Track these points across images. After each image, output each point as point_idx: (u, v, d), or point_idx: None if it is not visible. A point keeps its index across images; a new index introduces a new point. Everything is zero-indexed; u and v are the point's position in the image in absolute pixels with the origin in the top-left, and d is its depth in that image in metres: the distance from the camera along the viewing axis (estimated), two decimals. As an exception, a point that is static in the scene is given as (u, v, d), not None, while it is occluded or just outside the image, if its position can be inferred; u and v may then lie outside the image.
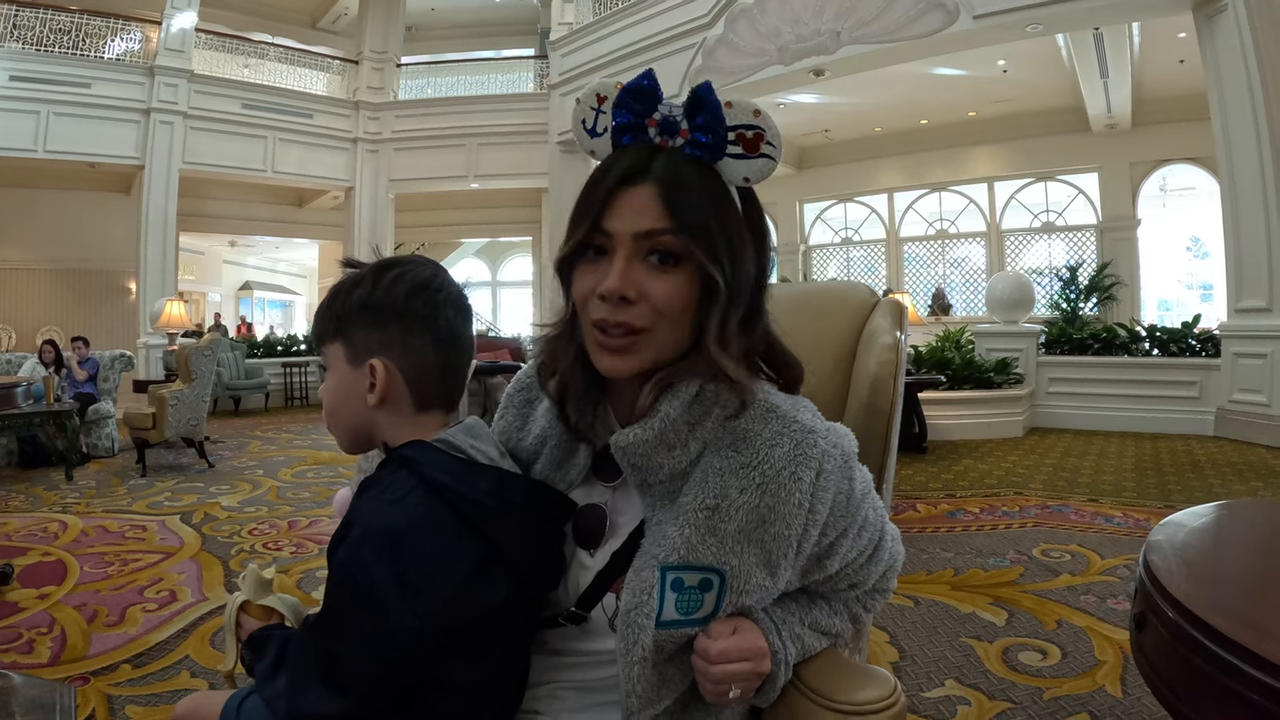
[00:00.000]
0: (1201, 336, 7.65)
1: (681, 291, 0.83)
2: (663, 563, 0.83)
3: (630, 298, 0.81)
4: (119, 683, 2.41)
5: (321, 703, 0.83)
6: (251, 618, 1.06)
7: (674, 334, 0.84)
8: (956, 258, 14.25)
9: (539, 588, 0.93)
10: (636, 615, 0.83)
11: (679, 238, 0.81)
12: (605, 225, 0.83)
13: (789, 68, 9.27)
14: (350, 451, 1.01)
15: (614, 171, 0.84)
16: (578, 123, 0.92)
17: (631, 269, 0.82)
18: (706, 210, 0.83)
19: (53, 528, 4.28)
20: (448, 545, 0.85)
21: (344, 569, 0.84)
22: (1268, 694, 0.78)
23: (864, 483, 0.90)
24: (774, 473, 0.82)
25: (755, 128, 0.83)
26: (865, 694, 0.85)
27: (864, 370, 1.12)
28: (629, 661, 0.83)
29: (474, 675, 0.88)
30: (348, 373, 0.95)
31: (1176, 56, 9.56)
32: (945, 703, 2.23)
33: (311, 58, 13.94)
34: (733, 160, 0.85)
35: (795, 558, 0.85)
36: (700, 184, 0.84)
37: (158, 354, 10.65)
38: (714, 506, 0.83)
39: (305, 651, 0.87)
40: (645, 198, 0.82)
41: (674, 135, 0.85)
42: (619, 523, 0.93)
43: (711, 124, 0.84)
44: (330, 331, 0.97)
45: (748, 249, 0.86)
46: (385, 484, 0.89)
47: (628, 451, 0.86)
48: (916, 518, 4.35)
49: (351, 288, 0.95)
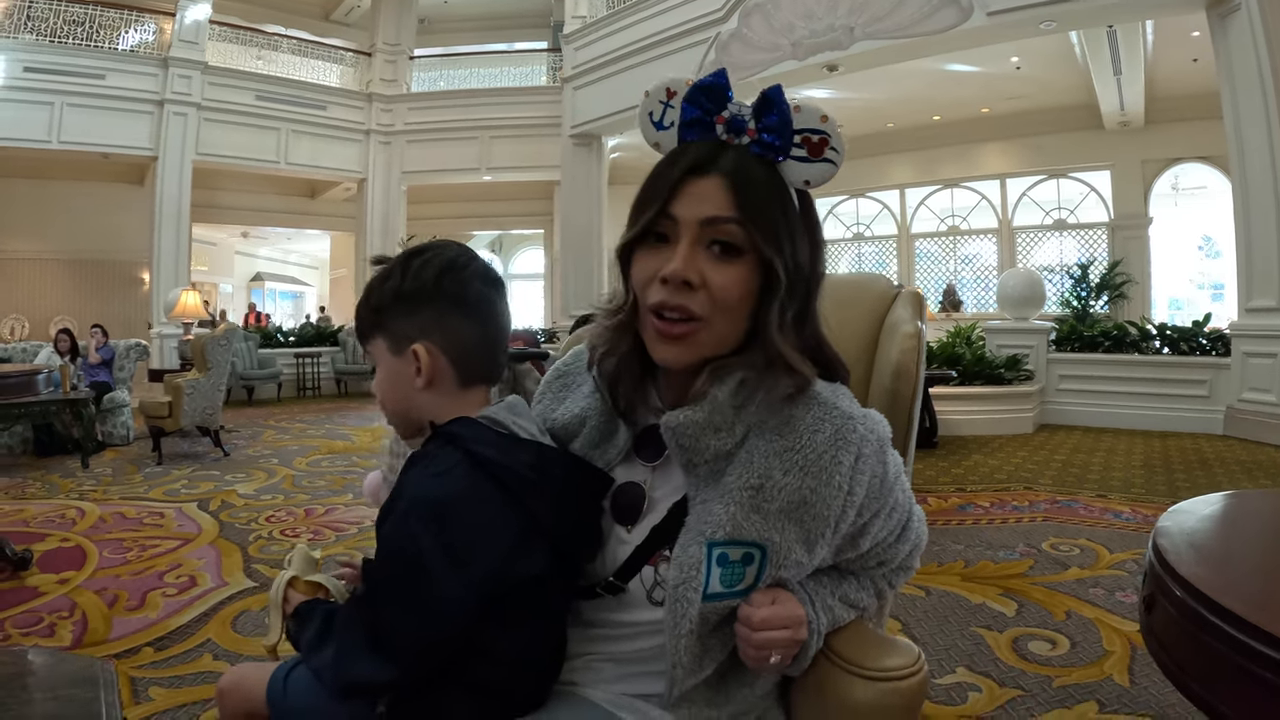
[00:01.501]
0: (1212, 335, 7.62)
1: (742, 282, 0.86)
2: (710, 539, 0.86)
3: (693, 282, 0.84)
4: (142, 665, 2.44)
5: (370, 671, 0.87)
6: (298, 593, 1.08)
7: (731, 326, 0.87)
8: (968, 254, 14.22)
9: (577, 559, 0.96)
10: (685, 590, 0.86)
11: (743, 228, 0.84)
12: (672, 210, 0.86)
13: (802, 63, 9.28)
14: (410, 439, 1.04)
15: (682, 162, 0.87)
16: (644, 115, 0.94)
17: (695, 255, 0.85)
18: (771, 204, 0.86)
19: (70, 514, 4.33)
20: (492, 516, 0.88)
21: (392, 540, 0.88)
22: (1277, 670, 0.80)
23: (896, 466, 0.93)
24: (815, 456, 0.85)
25: (821, 132, 0.87)
26: (891, 661, 0.89)
27: (886, 358, 1.16)
28: (676, 635, 0.86)
29: (514, 644, 0.92)
30: (394, 363, 0.99)
31: (1190, 55, 9.51)
32: (956, 689, 2.26)
33: (324, 50, 14.01)
34: (796, 163, 0.88)
35: (832, 536, 0.88)
36: (766, 180, 0.87)
37: (172, 343, 10.72)
38: (758, 486, 0.86)
39: (353, 622, 0.91)
40: (712, 187, 0.85)
41: (740, 134, 0.88)
42: (657, 499, 0.96)
43: (779, 126, 0.87)
44: (370, 327, 1.01)
45: (805, 248, 0.89)
46: (431, 458, 0.92)
47: (677, 432, 0.89)
48: (927, 511, 4.28)
49: (383, 281, 0.99)
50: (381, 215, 13.83)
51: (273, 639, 1.08)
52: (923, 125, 13.19)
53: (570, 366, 1.11)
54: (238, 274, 20.30)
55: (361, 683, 0.89)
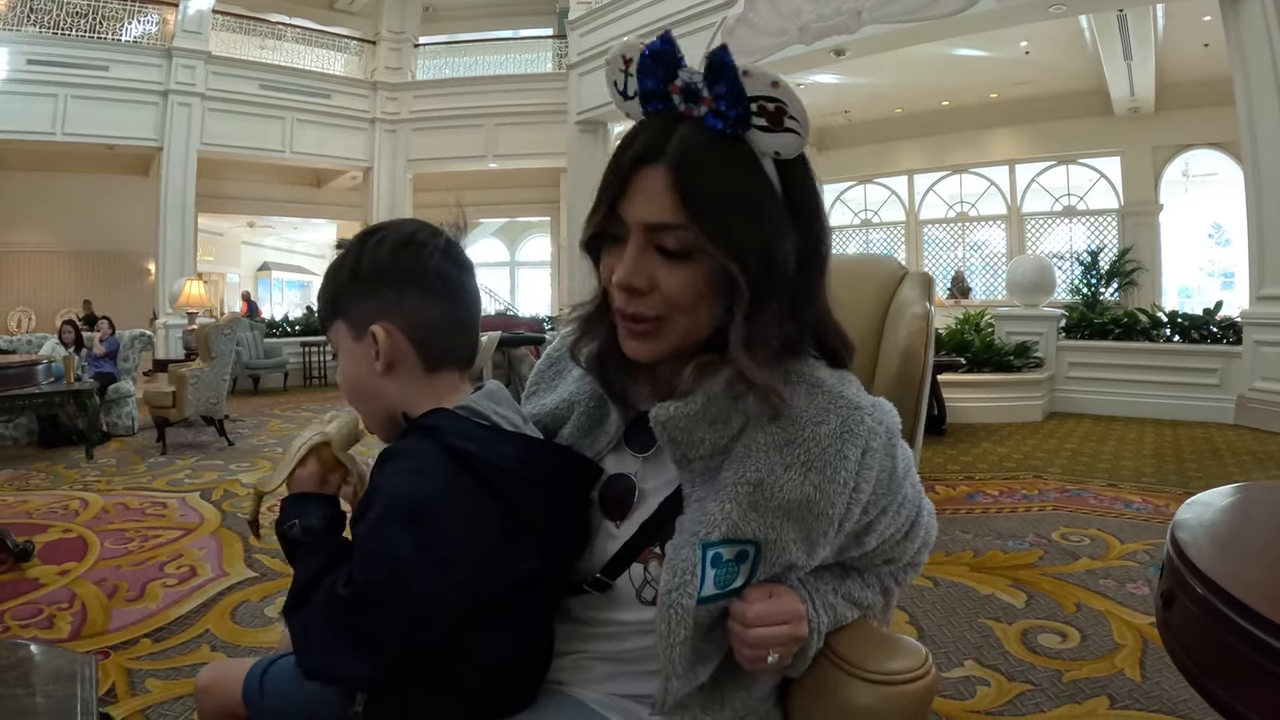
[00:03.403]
0: (1223, 323, 7.55)
1: (692, 284, 0.80)
2: (704, 540, 0.80)
3: (641, 288, 0.79)
4: (139, 656, 2.43)
5: (349, 666, 0.82)
6: (319, 463, 0.98)
7: (693, 322, 0.82)
8: (976, 241, 14.16)
9: (567, 556, 0.92)
10: (679, 596, 0.80)
11: (689, 231, 0.77)
12: (620, 212, 0.81)
13: (810, 47, 9.19)
14: (386, 439, 0.95)
15: (632, 150, 0.80)
16: (611, 85, 0.88)
17: (643, 259, 0.80)
18: (725, 197, 0.78)
19: (73, 505, 4.32)
20: (473, 514, 0.83)
21: (369, 543, 0.83)
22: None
23: (905, 459, 0.88)
24: (820, 450, 0.79)
25: (775, 100, 0.76)
26: (896, 664, 0.84)
27: (894, 341, 1.11)
28: (670, 643, 0.80)
29: (497, 646, 0.87)
30: (354, 348, 0.92)
31: (1201, 40, 9.40)
32: (965, 683, 2.23)
33: (329, 38, 13.96)
34: (760, 133, 0.78)
35: (835, 536, 0.83)
36: (720, 165, 0.78)
37: (177, 334, 10.73)
38: (757, 482, 0.80)
39: (335, 617, 0.84)
40: (658, 183, 0.78)
41: (697, 103, 0.79)
42: (647, 491, 0.91)
43: (730, 92, 0.77)
44: (330, 313, 0.94)
45: (784, 231, 0.80)
46: (407, 454, 0.86)
47: (668, 426, 0.83)
48: (935, 499, 4.27)
49: (341, 263, 0.93)
50: (388, 204, 13.81)
51: (271, 485, 1.00)
52: (931, 111, 13.11)
53: (559, 352, 1.06)
54: (244, 264, 20.30)
55: (340, 675, 0.85)
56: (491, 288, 19.37)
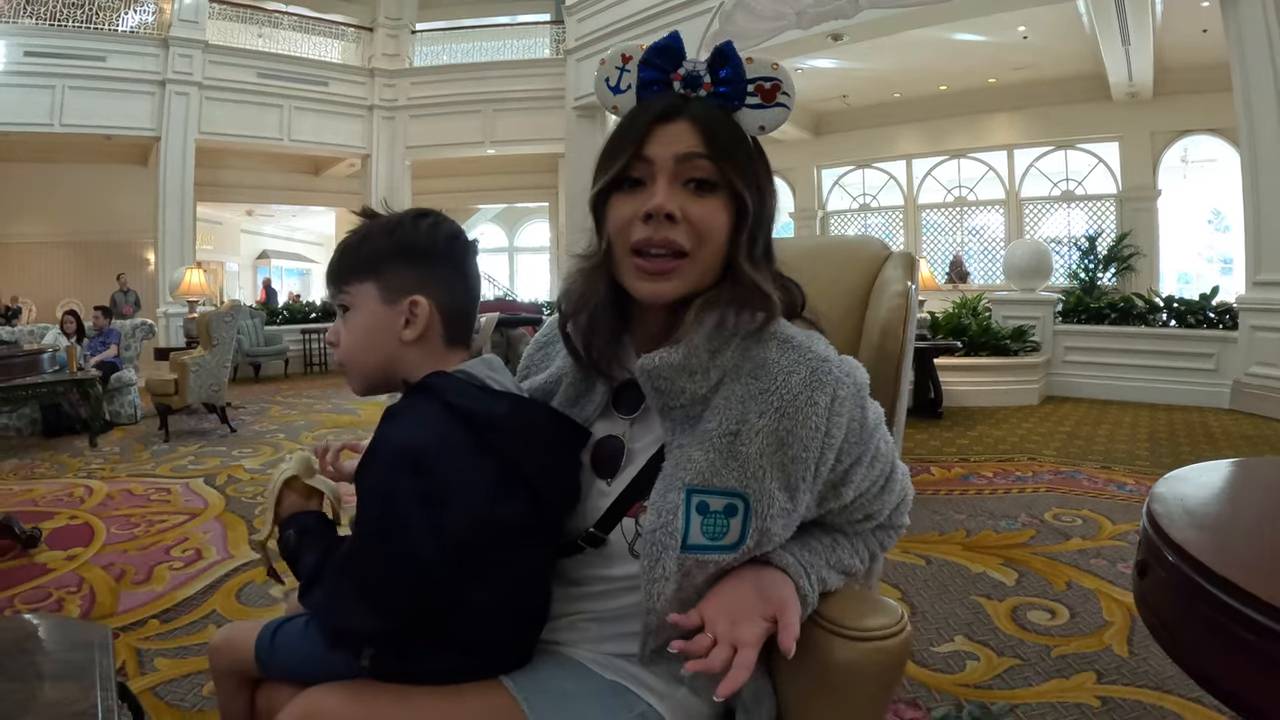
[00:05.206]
0: (1219, 309, 7.58)
1: (719, 213, 0.89)
2: (688, 485, 0.86)
3: (675, 215, 0.86)
4: (148, 637, 2.48)
5: (358, 619, 0.89)
6: (295, 495, 1.12)
7: (712, 257, 0.90)
8: (975, 225, 14.14)
9: (557, 507, 0.97)
10: (661, 535, 0.86)
11: (715, 163, 0.88)
12: (646, 152, 0.88)
13: (807, 32, 9.16)
14: (363, 393, 1.04)
15: (650, 110, 0.91)
16: (600, 81, 0.97)
17: (674, 190, 0.88)
18: (735, 143, 0.90)
19: (78, 492, 4.36)
20: (469, 462, 0.89)
21: (371, 490, 0.89)
22: (1270, 638, 0.78)
23: (876, 414, 0.94)
24: (791, 397, 0.85)
25: (773, 79, 0.91)
26: (873, 620, 0.89)
27: (875, 317, 1.17)
28: (651, 579, 0.87)
29: (493, 598, 0.93)
30: (381, 310, 0.99)
31: (1199, 25, 9.36)
32: (954, 657, 2.27)
33: (326, 25, 13.91)
34: (750, 110, 0.92)
35: (813, 481, 0.88)
36: (727, 124, 0.91)
37: (177, 322, 10.75)
38: (735, 432, 0.86)
39: (341, 570, 0.92)
40: (682, 129, 0.89)
41: (697, 88, 0.92)
42: (636, 450, 0.97)
43: (733, 77, 0.91)
44: (361, 271, 1.00)
45: (770, 187, 0.93)
46: (408, 410, 0.94)
47: (653, 374, 0.90)
48: (931, 480, 4.38)
49: (388, 231, 1.00)
50: (386, 191, 13.77)
51: (262, 535, 1.11)
52: (929, 96, 13.07)
53: (549, 336, 1.14)
54: (244, 252, 20.30)
55: (350, 630, 0.91)
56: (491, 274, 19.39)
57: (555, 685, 0.94)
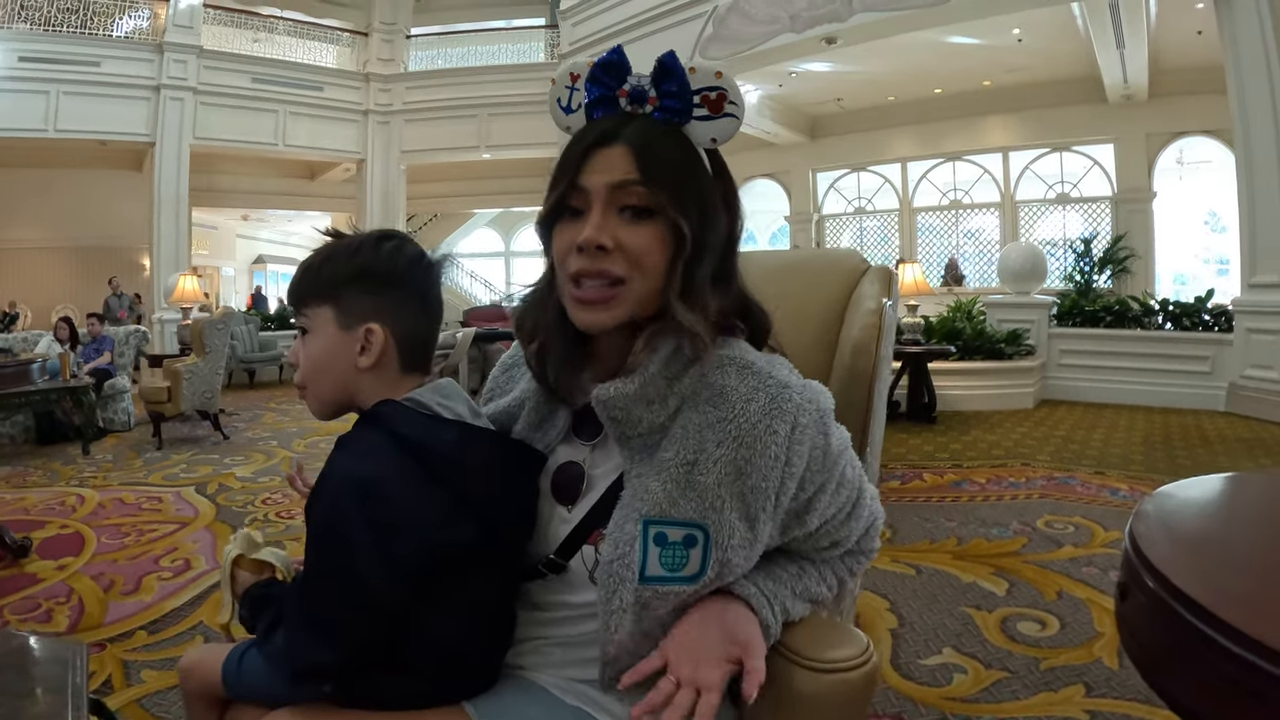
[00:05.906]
0: (1215, 311, 7.57)
1: (654, 241, 0.86)
2: (645, 516, 0.85)
3: (607, 246, 0.85)
4: (135, 648, 2.47)
5: (314, 654, 0.89)
6: (245, 572, 1.12)
7: (649, 285, 0.87)
8: (970, 228, 14.17)
9: (511, 533, 0.97)
10: (618, 566, 0.85)
11: (648, 189, 0.85)
12: (581, 182, 0.87)
13: (801, 35, 9.19)
14: (322, 416, 1.04)
15: (587, 137, 0.89)
16: (553, 102, 0.96)
17: (607, 220, 0.86)
18: (675, 166, 0.87)
19: (70, 501, 4.35)
20: (417, 491, 0.89)
21: (321, 521, 0.89)
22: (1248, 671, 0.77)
23: (841, 440, 0.92)
24: (749, 426, 0.83)
25: (718, 88, 0.89)
26: (838, 652, 0.87)
27: (848, 335, 1.15)
28: (609, 610, 0.86)
29: (451, 624, 0.93)
30: (338, 336, 0.98)
31: (1194, 27, 9.38)
32: (941, 670, 2.26)
33: (321, 30, 13.93)
34: (699, 122, 0.90)
35: (774, 511, 0.86)
36: (670, 145, 0.88)
37: (172, 328, 10.74)
38: (692, 461, 0.85)
39: (297, 608, 0.93)
40: (617, 155, 0.87)
41: (643, 103, 0.90)
42: (596, 477, 0.96)
43: (678, 90, 0.89)
44: (320, 295, 0.99)
45: (719, 209, 0.90)
46: (356, 440, 0.94)
47: (608, 405, 0.89)
48: (922, 487, 4.36)
49: (349, 255, 0.98)
50: (381, 195, 13.81)
51: (224, 617, 1.13)
52: (924, 98, 13.08)
53: (514, 359, 1.12)
54: (239, 257, 20.29)
55: (309, 667, 0.90)
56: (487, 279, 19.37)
57: (518, 710, 0.93)
